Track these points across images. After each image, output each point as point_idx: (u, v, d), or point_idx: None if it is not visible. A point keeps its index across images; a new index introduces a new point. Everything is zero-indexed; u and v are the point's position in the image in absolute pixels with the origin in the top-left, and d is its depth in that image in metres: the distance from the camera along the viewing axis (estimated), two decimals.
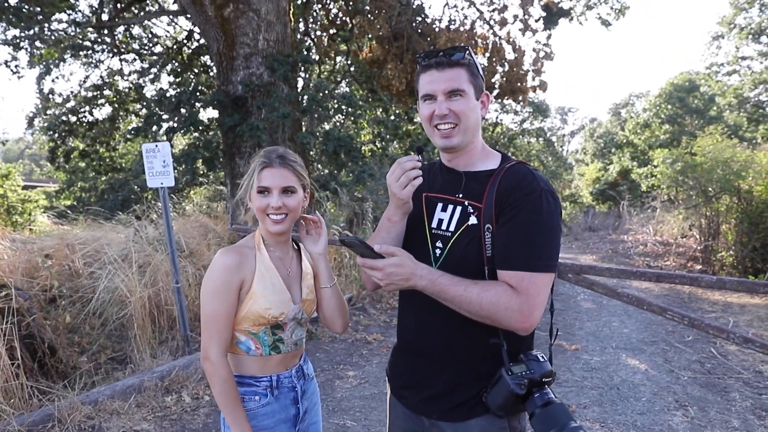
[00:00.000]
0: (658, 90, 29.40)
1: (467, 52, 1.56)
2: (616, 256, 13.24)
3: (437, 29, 10.92)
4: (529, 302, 1.42)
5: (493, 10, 11.49)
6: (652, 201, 15.45)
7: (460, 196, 1.61)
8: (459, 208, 1.60)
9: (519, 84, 11.23)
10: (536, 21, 11.59)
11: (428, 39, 10.65)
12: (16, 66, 11.51)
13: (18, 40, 10.79)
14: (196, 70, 13.24)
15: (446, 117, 1.55)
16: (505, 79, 11.23)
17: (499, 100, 12.79)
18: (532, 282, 1.43)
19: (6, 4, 9.00)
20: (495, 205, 1.51)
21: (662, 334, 6.28)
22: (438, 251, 1.60)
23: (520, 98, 11.65)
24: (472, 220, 1.55)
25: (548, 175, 31.45)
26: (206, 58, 12.84)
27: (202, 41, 12.14)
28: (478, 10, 11.59)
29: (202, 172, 11.37)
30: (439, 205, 1.65)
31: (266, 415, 1.79)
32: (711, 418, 4.08)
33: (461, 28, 11.08)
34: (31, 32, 10.57)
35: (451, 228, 1.59)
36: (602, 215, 24.10)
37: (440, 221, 1.62)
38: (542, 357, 1.51)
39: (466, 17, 11.89)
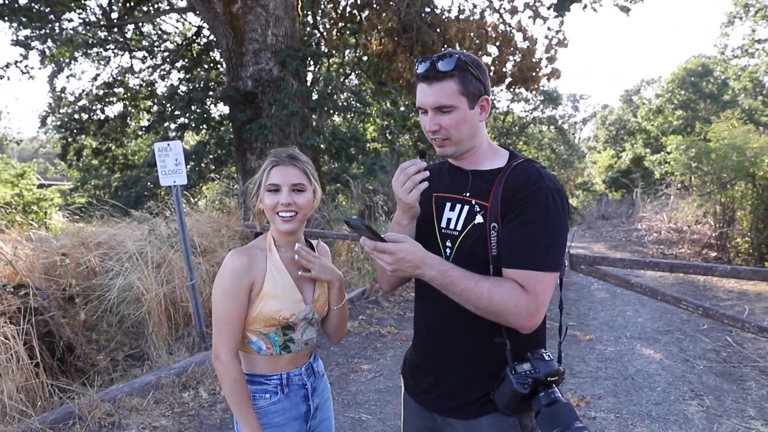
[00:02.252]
0: (670, 75, 29.05)
1: (458, 58, 1.50)
2: (629, 244, 13.17)
3: (446, 20, 10.84)
4: (537, 301, 1.42)
5: None
6: (666, 188, 15.28)
7: (467, 195, 1.61)
8: (466, 207, 1.60)
9: (531, 73, 11.13)
10: (547, 8, 11.47)
11: (438, 30, 10.60)
12: (25, 66, 11.63)
13: (29, 40, 10.88)
14: (206, 66, 13.30)
15: (437, 132, 1.55)
16: (516, 68, 11.14)
17: (511, 89, 12.67)
18: (539, 281, 1.43)
19: (17, 5, 9.08)
20: (501, 203, 1.51)
21: (677, 323, 6.25)
22: (448, 250, 1.61)
23: (533, 87, 11.55)
24: (479, 218, 1.55)
25: (560, 163, 31.30)
26: (216, 54, 12.89)
27: (211, 37, 12.19)
28: None
29: (212, 168, 11.45)
30: (448, 205, 1.65)
31: (277, 413, 1.82)
32: (727, 407, 4.06)
33: (471, 18, 10.99)
34: (42, 32, 10.65)
35: (459, 227, 1.60)
36: (615, 203, 23.90)
37: (449, 220, 1.63)
38: (548, 356, 1.51)
39: (475, 6, 11.85)
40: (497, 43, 10.91)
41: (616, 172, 27.30)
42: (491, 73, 11.17)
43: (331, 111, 11.21)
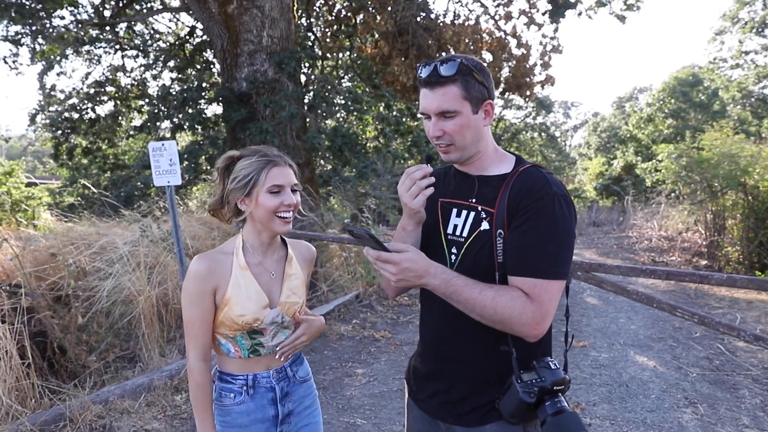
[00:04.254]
0: (661, 84, 29.30)
1: (460, 62, 1.48)
2: (620, 251, 13.22)
3: (442, 24, 10.85)
4: (542, 309, 1.40)
5: (498, 5, 11.42)
6: (657, 196, 15.38)
7: (473, 201, 1.59)
8: (472, 214, 1.58)
9: (526, 79, 11.13)
10: (542, 15, 11.51)
11: (433, 34, 10.59)
12: (14, 62, 11.52)
13: (19, 36, 10.78)
14: (198, 66, 13.23)
15: (441, 138, 1.53)
16: (511, 74, 11.15)
17: (505, 95, 12.67)
18: (545, 289, 1.41)
19: (9, 1, 9.00)
20: (507, 209, 1.48)
21: (669, 330, 6.27)
22: (453, 257, 1.59)
23: (528, 93, 11.55)
24: (485, 225, 1.53)
25: (552, 169, 31.43)
26: (208, 54, 12.82)
27: (204, 37, 12.13)
28: (482, 5, 11.52)
29: (205, 169, 11.39)
30: (454, 211, 1.63)
31: (240, 414, 1.82)
32: (721, 416, 4.07)
33: (466, 23, 11.01)
34: (33, 28, 10.55)
35: (465, 233, 1.57)
36: (606, 210, 24.04)
37: (455, 227, 1.61)
38: (555, 365, 1.48)
39: (470, 12, 11.84)
40: (492, 49, 10.92)
41: (608, 180, 27.47)
42: None
43: (324, 113, 11.20)
